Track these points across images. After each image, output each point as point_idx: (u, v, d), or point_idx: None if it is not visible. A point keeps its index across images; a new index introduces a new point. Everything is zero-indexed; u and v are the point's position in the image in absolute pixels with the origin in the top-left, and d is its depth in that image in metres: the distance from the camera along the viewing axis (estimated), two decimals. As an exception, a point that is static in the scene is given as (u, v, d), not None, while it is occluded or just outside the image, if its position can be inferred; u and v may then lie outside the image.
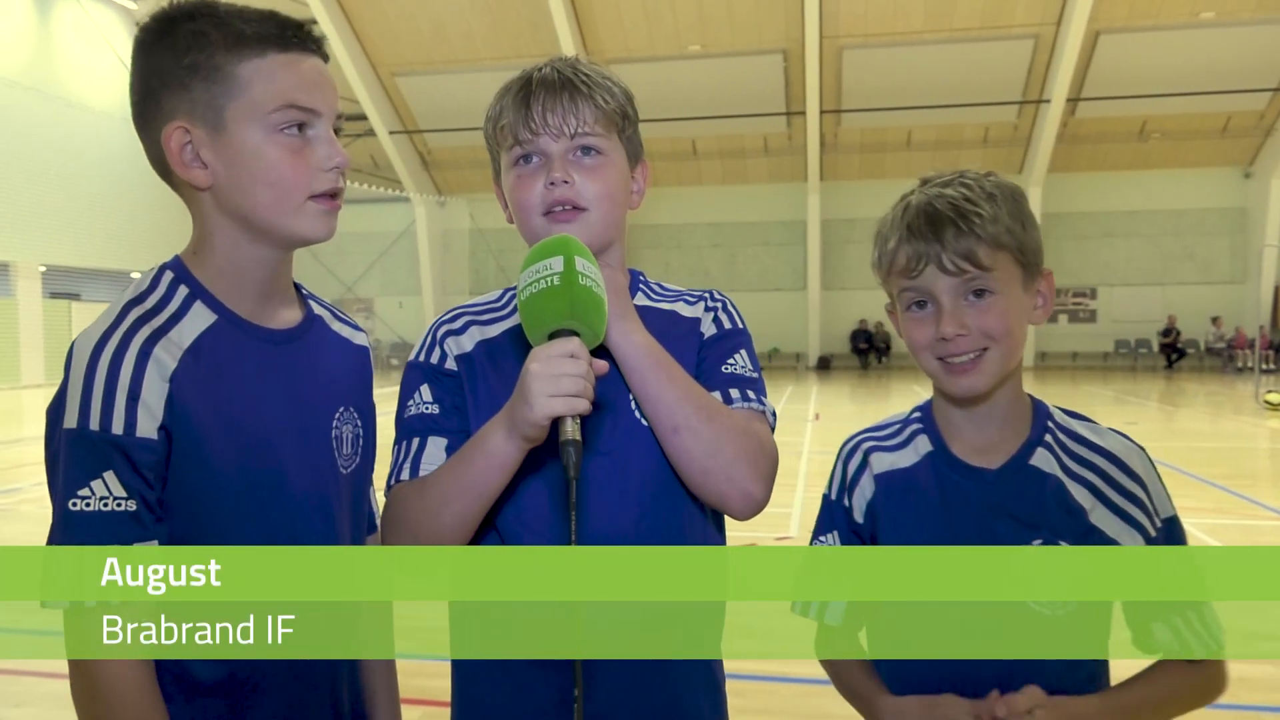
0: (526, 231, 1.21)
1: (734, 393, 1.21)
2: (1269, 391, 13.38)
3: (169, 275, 1.14)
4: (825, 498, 1.30)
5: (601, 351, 1.15)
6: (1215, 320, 21.39)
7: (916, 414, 1.28)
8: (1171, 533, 1.18)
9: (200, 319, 1.12)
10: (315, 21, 1.21)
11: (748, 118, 20.93)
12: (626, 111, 1.23)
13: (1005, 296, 1.14)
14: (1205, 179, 21.80)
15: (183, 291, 1.13)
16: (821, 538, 1.28)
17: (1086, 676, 1.17)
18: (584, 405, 1.02)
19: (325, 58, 1.17)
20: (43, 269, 18.37)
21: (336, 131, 1.17)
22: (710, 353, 1.25)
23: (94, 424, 1.02)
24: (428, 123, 21.98)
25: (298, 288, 1.27)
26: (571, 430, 1.02)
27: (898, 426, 1.29)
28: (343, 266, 24.54)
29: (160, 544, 1.06)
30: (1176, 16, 18.32)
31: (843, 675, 1.28)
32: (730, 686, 1.37)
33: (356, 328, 1.35)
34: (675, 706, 1.21)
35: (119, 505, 1.03)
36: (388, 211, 24.08)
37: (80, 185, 18.44)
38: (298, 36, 1.12)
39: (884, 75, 19.78)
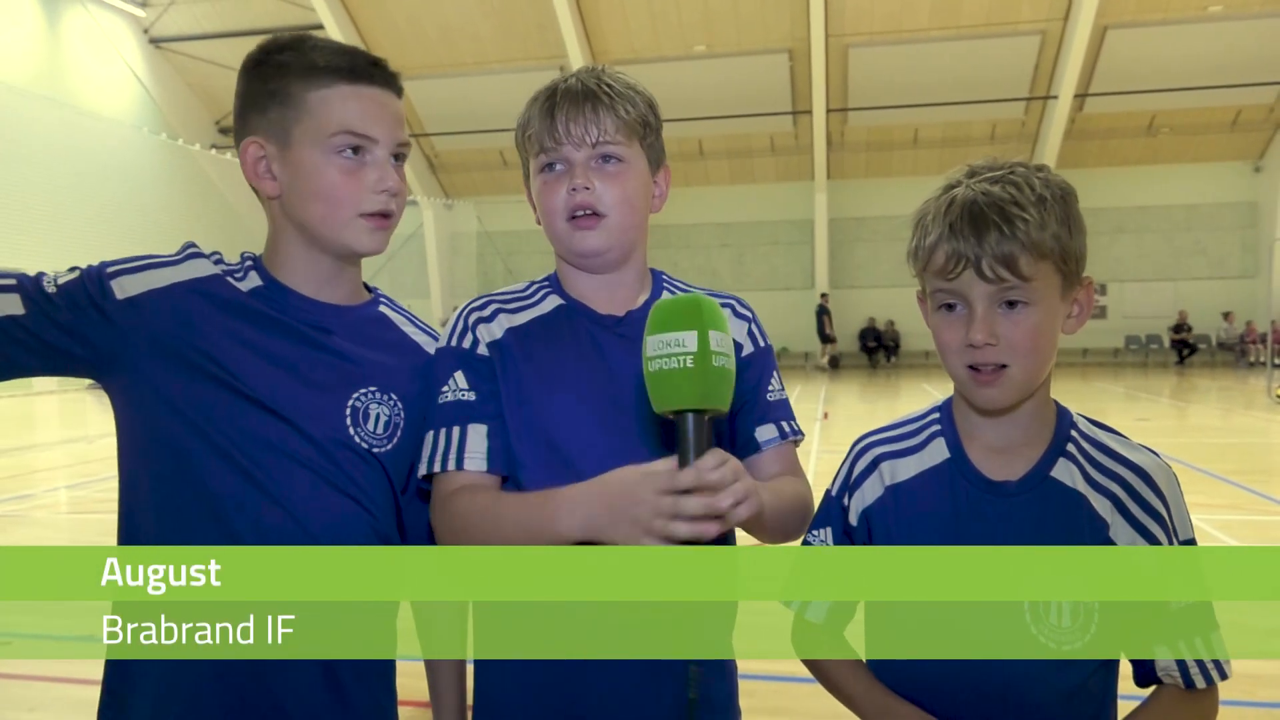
0: (552, 235, 1.28)
1: (785, 426, 1.29)
2: (1282, 386, 13.31)
3: (248, 258, 1.32)
4: (827, 493, 1.29)
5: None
6: (1227, 315, 21.27)
7: (935, 414, 1.24)
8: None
9: (250, 281, 1.29)
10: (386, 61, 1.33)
11: (754, 117, 20.90)
12: (648, 120, 1.29)
13: (1039, 308, 1.09)
14: (1215, 173, 21.67)
15: (247, 265, 1.31)
16: (815, 532, 1.28)
17: (1096, 705, 1.14)
18: (714, 530, 1.00)
19: (397, 92, 1.29)
20: (54, 276, 18.48)
21: (399, 159, 1.29)
22: (750, 373, 1.29)
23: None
24: (435, 126, 22.03)
25: (374, 291, 1.40)
26: None
27: (915, 427, 1.25)
28: (351, 270, 24.59)
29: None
30: (1185, 10, 18.23)
31: (844, 683, 1.27)
32: (742, 686, 1.36)
33: (434, 336, 1.41)
34: (679, 694, 1.20)
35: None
36: (396, 215, 24.09)
37: (91, 193, 18.52)
38: (367, 71, 1.26)
39: (890, 73, 19.73)
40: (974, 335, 1.09)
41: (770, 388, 1.29)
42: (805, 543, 1.29)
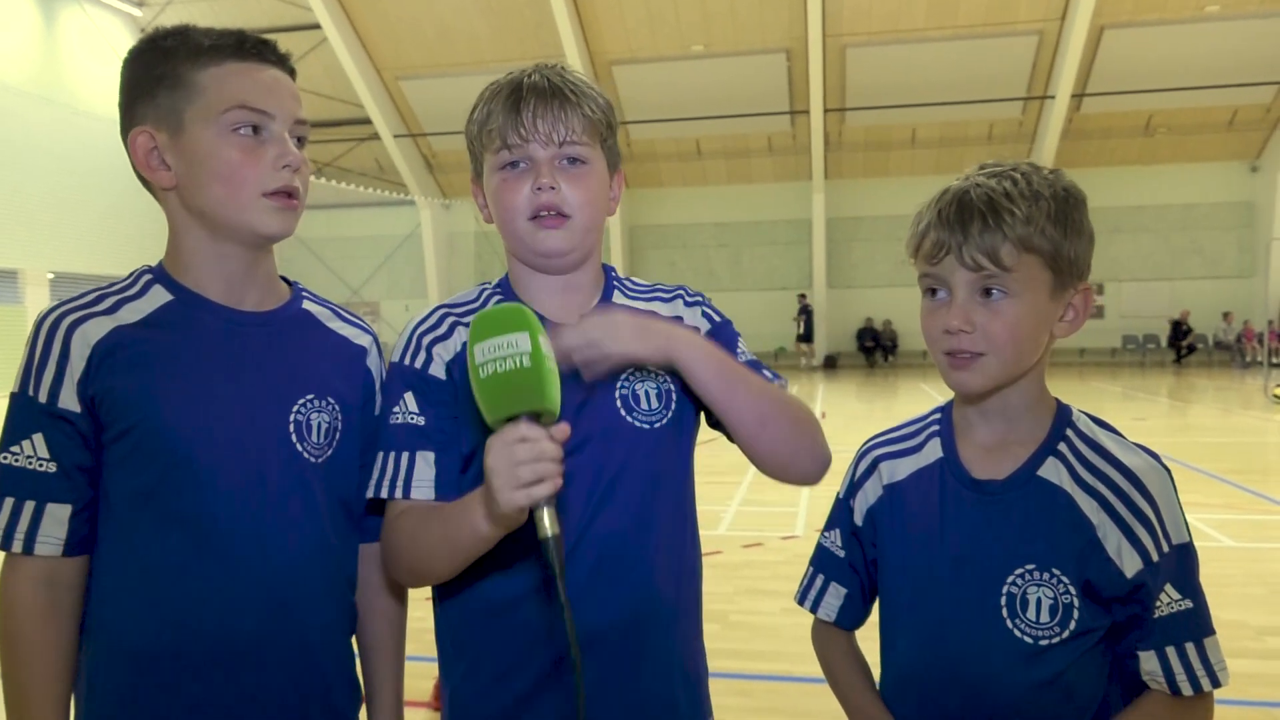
0: (509, 233, 1.25)
1: (766, 374, 1.24)
2: (1278, 385, 13.32)
3: (145, 273, 1.24)
4: (836, 496, 1.33)
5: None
6: (1226, 315, 21.30)
7: (936, 414, 1.27)
8: (1181, 560, 1.11)
9: (155, 298, 1.21)
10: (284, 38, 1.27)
11: (752, 117, 20.90)
12: (609, 121, 1.26)
13: (1020, 301, 1.10)
14: (1212, 173, 21.70)
15: (146, 279, 1.23)
16: (826, 534, 1.32)
17: (1080, 706, 1.13)
18: (546, 490, 0.97)
19: (290, 72, 1.25)
20: (51, 276, 18.44)
21: (300, 141, 1.24)
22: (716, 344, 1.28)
23: (30, 390, 1.14)
24: (432, 126, 22.01)
25: (294, 285, 1.33)
26: (549, 524, 0.97)
27: (916, 428, 1.28)
28: (349, 270, 24.58)
29: (75, 508, 1.15)
30: (1181, 10, 18.25)
31: (842, 684, 1.29)
32: (736, 686, 1.37)
33: (364, 329, 1.37)
34: (646, 699, 1.23)
35: (42, 466, 1.13)
36: (393, 215, 24.11)
37: (88, 193, 18.49)
38: (255, 49, 1.21)
39: (888, 73, 19.74)
40: (950, 321, 1.12)
41: (738, 351, 1.28)
42: (818, 544, 1.33)
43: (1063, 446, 1.16)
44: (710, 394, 1.15)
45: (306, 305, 1.32)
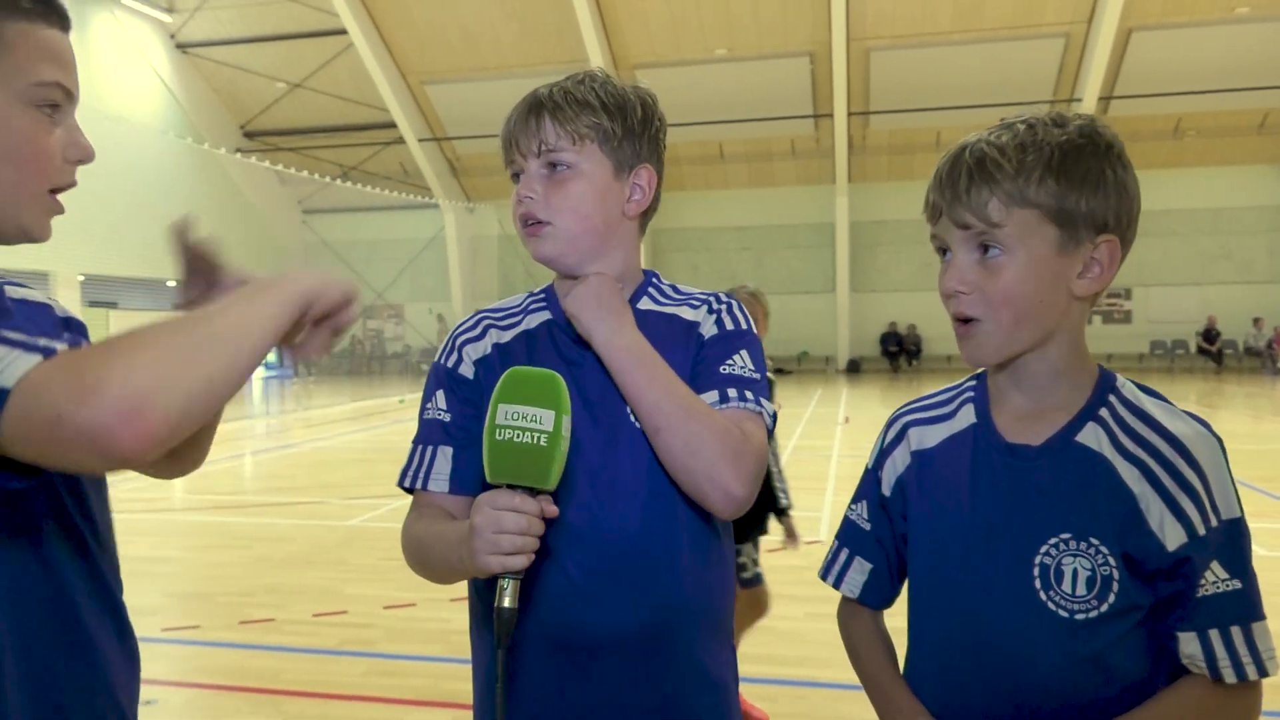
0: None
1: (731, 392, 1.22)
2: (1310, 392, 13.12)
3: None
4: (865, 467, 1.28)
5: (586, 354, 1.23)
6: (1257, 321, 21.01)
7: (972, 381, 1.22)
8: (1231, 536, 1.03)
9: None
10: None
11: (775, 120, 20.88)
12: (604, 125, 1.25)
13: (1018, 258, 1.04)
14: (1242, 176, 21.43)
15: None
16: (853, 506, 1.28)
17: (1121, 689, 1.06)
18: (520, 564, 0.99)
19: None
20: (81, 278, 18.71)
21: None
22: (710, 353, 1.26)
23: None
24: (456, 130, 22.14)
25: None
26: (510, 598, 0.99)
27: (949, 395, 1.23)
28: (373, 273, 24.75)
29: None
30: (1211, 12, 18.05)
31: (863, 660, 1.25)
32: (761, 691, 1.36)
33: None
34: (668, 704, 1.21)
35: None
36: (417, 218, 24.27)
37: (118, 196, 18.73)
38: (65, 17, 1.02)
39: (912, 76, 19.65)
40: (946, 281, 1.10)
41: (728, 362, 1.25)
42: (845, 517, 1.29)
43: (1104, 412, 1.09)
44: (619, 385, 1.20)
45: None
